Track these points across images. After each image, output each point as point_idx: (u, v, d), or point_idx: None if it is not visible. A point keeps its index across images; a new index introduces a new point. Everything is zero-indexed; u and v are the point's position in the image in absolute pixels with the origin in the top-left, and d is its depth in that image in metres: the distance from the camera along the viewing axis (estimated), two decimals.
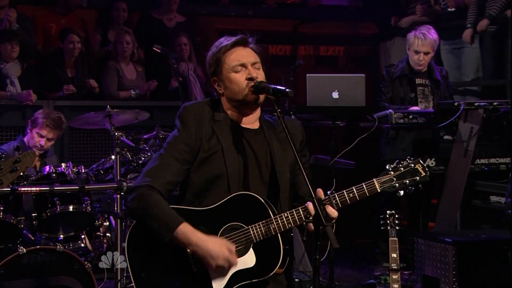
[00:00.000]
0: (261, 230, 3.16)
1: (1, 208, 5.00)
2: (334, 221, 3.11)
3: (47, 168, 5.31)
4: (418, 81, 6.57)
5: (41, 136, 5.77)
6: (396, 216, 4.84)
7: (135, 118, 5.81)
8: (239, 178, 3.30)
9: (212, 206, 3.24)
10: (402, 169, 3.28)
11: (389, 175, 3.26)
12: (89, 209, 5.31)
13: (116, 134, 5.42)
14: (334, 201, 3.17)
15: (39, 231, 5.23)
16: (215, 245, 3.13)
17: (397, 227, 4.80)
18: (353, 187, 3.20)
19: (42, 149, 5.83)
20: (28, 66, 7.38)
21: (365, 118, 5.97)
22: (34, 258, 4.73)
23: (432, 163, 6.11)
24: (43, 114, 5.79)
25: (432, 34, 6.42)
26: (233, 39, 3.38)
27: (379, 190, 3.23)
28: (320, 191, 3.12)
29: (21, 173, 5.02)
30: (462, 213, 6.47)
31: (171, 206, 3.24)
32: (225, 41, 3.39)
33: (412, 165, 3.29)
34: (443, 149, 6.31)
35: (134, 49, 7.79)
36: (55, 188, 4.95)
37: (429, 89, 6.57)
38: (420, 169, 3.29)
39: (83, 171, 5.36)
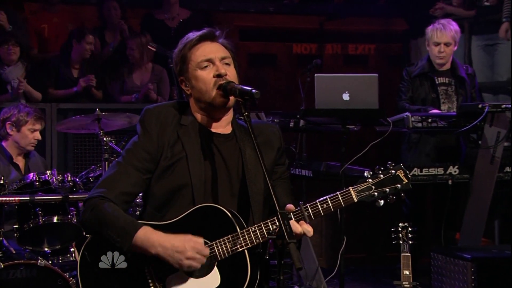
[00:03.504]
0: (226, 246, 2.92)
1: None
2: (311, 234, 2.91)
3: (31, 175, 5.04)
4: (440, 80, 6.19)
5: (35, 131, 5.50)
6: (410, 229, 4.56)
7: (128, 123, 5.56)
8: (206, 189, 3.04)
9: (173, 220, 2.99)
10: (381, 176, 3.01)
11: (367, 183, 2.99)
12: (75, 220, 5.00)
13: (104, 139, 5.19)
14: (306, 213, 2.92)
15: (21, 244, 4.96)
16: (177, 239, 2.89)
17: (410, 241, 4.51)
18: (327, 197, 2.96)
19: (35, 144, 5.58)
20: (33, 67, 7.22)
21: (379, 122, 5.52)
22: (13, 274, 4.54)
23: (455, 171, 5.71)
24: (23, 111, 5.48)
25: (452, 25, 6.13)
26: (199, 33, 3.15)
27: (355, 200, 2.97)
28: (290, 207, 2.91)
29: (1, 181, 4.81)
30: (501, 225, 6.28)
31: None
32: (191, 35, 3.16)
33: (393, 171, 3.02)
34: (468, 156, 5.95)
35: (143, 53, 7.53)
36: (36, 198, 4.75)
37: (453, 88, 6.18)
38: (402, 176, 3.02)
39: (69, 179, 5.05)
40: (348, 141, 5.54)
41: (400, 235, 4.55)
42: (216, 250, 2.92)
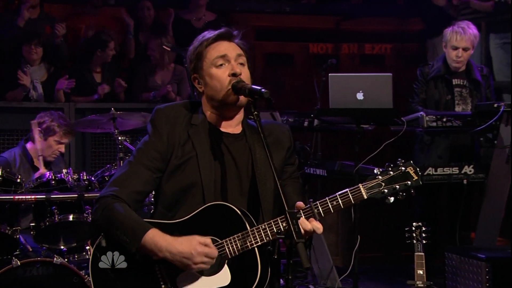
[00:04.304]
0: (236, 244, 2.92)
1: None
2: (321, 231, 2.89)
3: (47, 174, 5.06)
4: (455, 81, 6.13)
5: (61, 143, 5.54)
6: (423, 229, 4.56)
7: (143, 123, 5.57)
8: (216, 188, 3.05)
9: (183, 219, 2.99)
10: (391, 172, 3.01)
11: (377, 180, 2.99)
12: (90, 218, 5.01)
13: (119, 138, 5.22)
14: (316, 211, 2.91)
15: (38, 242, 4.99)
16: (184, 245, 2.88)
17: (424, 241, 4.52)
18: (337, 194, 2.95)
19: (56, 156, 5.63)
20: (55, 71, 7.22)
21: (393, 121, 5.51)
22: (29, 272, 4.52)
23: (470, 171, 5.68)
24: (57, 121, 5.50)
25: (472, 29, 5.99)
26: (216, 32, 3.15)
27: (365, 197, 2.97)
28: (300, 204, 2.92)
29: (18, 180, 4.82)
30: None
31: None
32: (208, 34, 3.16)
33: (403, 168, 3.03)
34: (483, 156, 5.91)
35: (163, 54, 7.60)
36: (52, 196, 4.75)
37: (468, 90, 6.14)
38: (412, 172, 3.02)
39: (84, 178, 5.08)
40: (363, 141, 5.52)
41: (414, 235, 4.53)
42: (226, 248, 2.91)
